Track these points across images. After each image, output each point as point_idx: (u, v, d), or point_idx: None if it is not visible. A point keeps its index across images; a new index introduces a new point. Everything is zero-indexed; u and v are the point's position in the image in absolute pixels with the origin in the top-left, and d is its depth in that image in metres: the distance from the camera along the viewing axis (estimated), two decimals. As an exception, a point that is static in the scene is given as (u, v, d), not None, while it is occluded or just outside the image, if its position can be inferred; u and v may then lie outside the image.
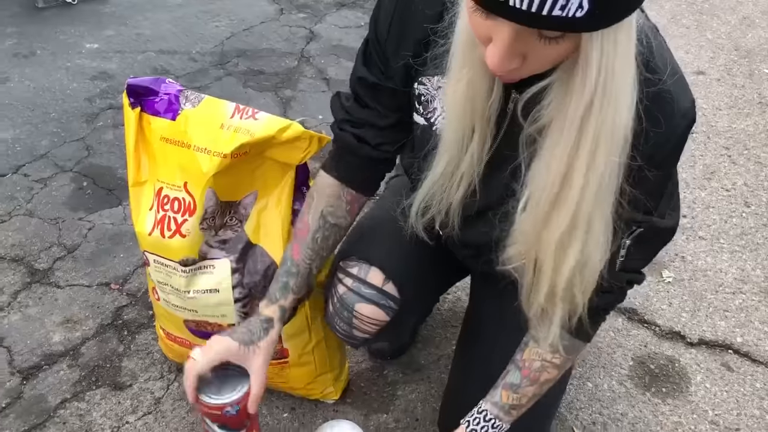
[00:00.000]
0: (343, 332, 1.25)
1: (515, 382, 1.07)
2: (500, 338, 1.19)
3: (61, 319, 1.71)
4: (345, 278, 1.21)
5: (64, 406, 1.50)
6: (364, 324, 1.21)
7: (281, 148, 1.25)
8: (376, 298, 1.19)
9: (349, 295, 1.20)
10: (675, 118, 0.86)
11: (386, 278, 1.19)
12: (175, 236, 1.28)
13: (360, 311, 1.19)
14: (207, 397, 1.09)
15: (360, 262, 1.21)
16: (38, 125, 2.41)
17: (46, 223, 2.00)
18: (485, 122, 0.90)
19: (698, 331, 1.67)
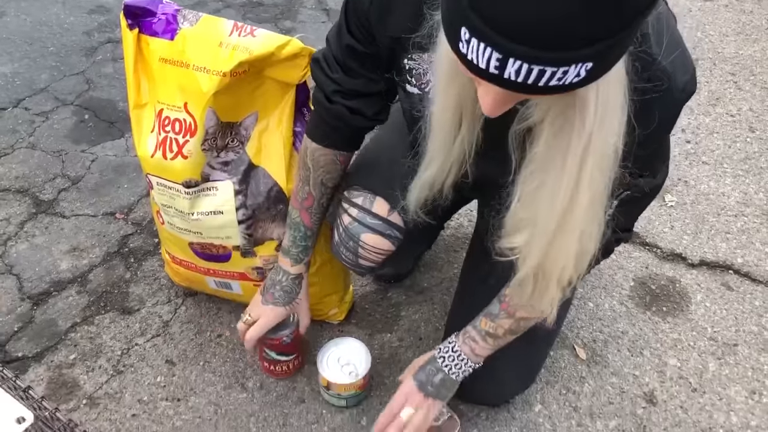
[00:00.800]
0: (349, 261, 1.26)
1: (494, 312, 1.12)
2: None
3: (68, 248, 1.73)
4: (350, 208, 1.22)
5: (74, 329, 1.53)
6: (370, 253, 1.22)
7: (280, 67, 1.24)
8: (381, 228, 1.20)
9: (355, 225, 1.21)
10: (673, 94, 0.85)
11: (391, 208, 1.19)
12: (177, 158, 1.28)
13: (365, 241, 1.20)
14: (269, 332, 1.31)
15: (365, 192, 1.22)
16: (37, 59, 2.38)
17: (49, 156, 2.00)
18: (476, 119, 0.90)
19: (699, 252, 1.68)
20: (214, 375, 1.43)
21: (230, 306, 1.57)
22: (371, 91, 1.08)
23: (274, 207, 1.33)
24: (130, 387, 1.41)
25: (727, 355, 1.45)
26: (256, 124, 1.31)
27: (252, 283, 1.44)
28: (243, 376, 1.43)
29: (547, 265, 0.90)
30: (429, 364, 1.17)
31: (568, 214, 0.82)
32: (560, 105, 0.74)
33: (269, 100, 1.30)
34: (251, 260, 1.39)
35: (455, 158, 0.96)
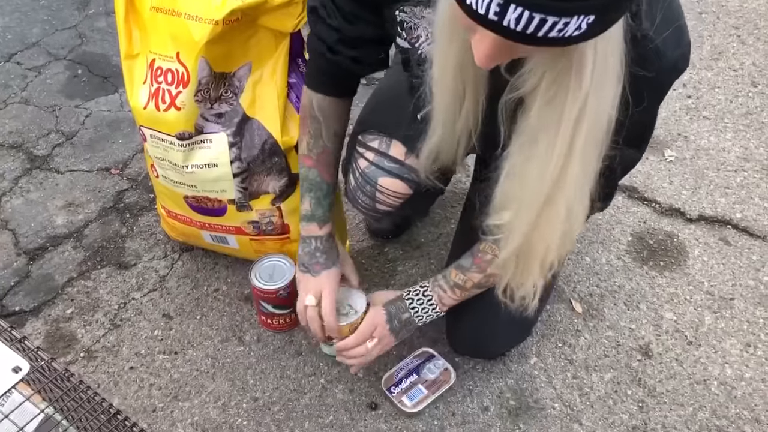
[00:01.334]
0: (365, 206, 1.24)
1: (465, 265, 1.13)
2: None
3: (63, 203, 1.72)
4: (366, 152, 1.20)
5: (71, 284, 1.53)
6: (388, 197, 1.20)
7: (274, 15, 1.21)
8: (398, 171, 1.18)
9: (372, 169, 1.19)
10: (663, 70, 0.85)
11: (408, 151, 1.17)
12: (170, 109, 1.26)
13: (383, 185, 1.19)
14: (262, 284, 1.33)
15: (380, 135, 1.19)
16: (28, 13, 2.34)
17: (43, 111, 1.98)
18: (478, 85, 0.88)
19: (698, 207, 1.67)
20: (211, 329, 1.44)
21: (227, 260, 1.57)
22: (372, 36, 1.05)
23: (269, 160, 1.32)
24: (128, 340, 1.42)
25: (723, 308, 1.46)
26: (250, 74, 1.29)
27: (248, 237, 1.43)
28: (240, 329, 1.43)
29: (533, 243, 0.89)
30: (398, 301, 1.18)
31: (557, 188, 0.81)
32: (555, 70, 0.73)
33: (263, 50, 1.28)
34: (247, 214, 1.38)
35: (461, 130, 0.95)
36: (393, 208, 1.23)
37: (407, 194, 1.20)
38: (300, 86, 1.35)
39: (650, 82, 0.82)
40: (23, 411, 0.88)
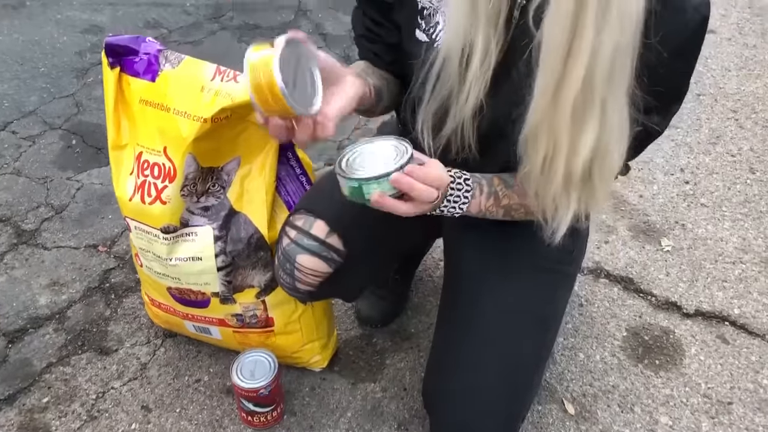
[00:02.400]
0: (287, 285, 1.22)
1: (509, 181, 1.07)
2: (483, 289, 1.18)
3: (48, 282, 1.68)
4: (290, 231, 1.19)
5: (49, 370, 1.49)
6: (306, 276, 1.18)
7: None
8: (317, 249, 1.16)
9: (292, 246, 1.17)
10: (686, 12, 0.88)
11: (331, 230, 1.15)
12: (156, 203, 1.24)
13: (301, 263, 1.16)
14: (243, 382, 1.29)
15: (306, 214, 1.18)
16: (27, 80, 2.35)
17: (34, 183, 1.96)
18: (491, 26, 0.91)
19: (695, 301, 1.63)
20: (191, 423, 1.39)
21: (210, 349, 1.53)
22: (390, 40, 1.10)
23: (254, 254, 1.29)
24: (103, 434, 1.37)
25: (721, 414, 1.41)
26: (239, 168, 1.27)
27: (231, 329, 1.39)
28: (220, 425, 1.38)
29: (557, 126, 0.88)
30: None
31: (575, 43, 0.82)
32: None
33: (252, 144, 1.26)
34: (231, 307, 1.35)
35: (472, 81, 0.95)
36: (313, 288, 1.20)
37: (325, 273, 1.17)
38: (289, 180, 1.34)
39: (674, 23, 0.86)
40: None
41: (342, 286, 1.24)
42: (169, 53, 1.25)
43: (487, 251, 1.22)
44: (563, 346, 1.53)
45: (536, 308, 1.19)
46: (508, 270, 1.19)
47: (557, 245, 1.06)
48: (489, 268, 1.19)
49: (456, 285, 1.28)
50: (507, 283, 1.18)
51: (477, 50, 0.94)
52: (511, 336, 1.15)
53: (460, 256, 1.27)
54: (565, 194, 0.96)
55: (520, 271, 1.19)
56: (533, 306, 1.18)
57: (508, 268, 1.20)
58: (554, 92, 0.87)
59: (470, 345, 1.15)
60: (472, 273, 1.23)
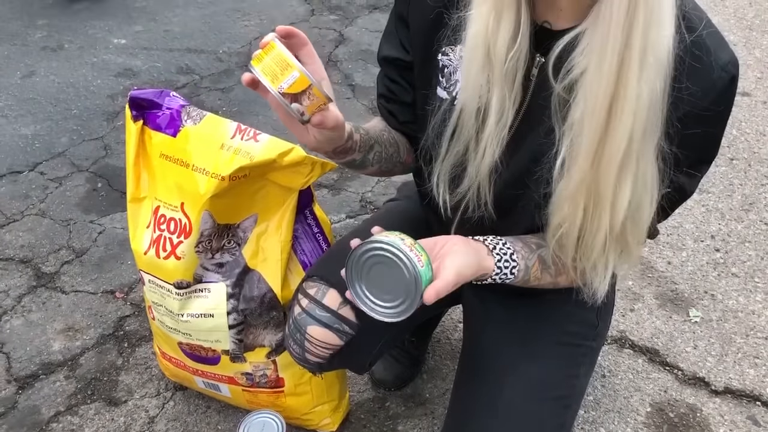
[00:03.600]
0: (296, 355, 1.17)
1: (547, 261, 1.03)
2: (504, 366, 1.13)
3: (63, 327, 1.68)
4: (302, 299, 1.15)
5: (57, 419, 1.47)
6: (316, 348, 1.13)
7: (283, 172, 1.19)
8: (329, 321, 1.11)
9: (303, 316, 1.13)
10: (713, 70, 0.86)
11: (344, 301, 1.11)
12: (170, 258, 1.23)
13: (312, 334, 1.12)
14: None
15: (320, 282, 1.14)
16: (59, 122, 2.39)
17: (57, 225, 1.98)
18: (507, 84, 0.91)
19: (724, 378, 1.56)
20: (195, 484, 1.35)
21: (220, 405, 1.49)
22: (405, 99, 1.11)
23: (266, 314, 1.27)
24: (105, 491, 1.34)
25: (751, 502, 1.33)
26: (255, 226, 1.26)
27: (241, 388, 1.36)
28: (224, 487, 1.35)
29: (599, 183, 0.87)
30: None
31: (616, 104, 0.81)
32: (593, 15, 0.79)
33: (270, 202, 1.25)
34: (241, 365, 1.32)
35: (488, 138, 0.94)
36: (323, 360, 1.15)
37: (336, 345, 1.13)
38: (306, 239, 1.32)
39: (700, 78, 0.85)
40: None
41: (353, 358, 1.20)
42: (192, 109, 1.25)
43: (509, 324, 1.17)
44: (584, 419, 1.47)
45: (558, 387, 1.14)
46: (531, 346, 1.15)
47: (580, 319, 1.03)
48: (511, 343, 1.15)
49: (475, 359, 1.24)
50: (529, 360, 1.13)
51: (492, 109, 0.93)
52: (531, 417, 1.10)
53: (481, 329, 1.23)
54: (602, 255, 0.94)
55: (542, 346, 1.15)
56: (555, 385, 1.13)
57: (531, 343, 1.15)
58: (596, 152, 0.85)
59: (488, 425, 1.10)
60: (492, 348, 1.18)
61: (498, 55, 0.88)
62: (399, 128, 1.15)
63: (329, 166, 1.21)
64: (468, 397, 1.18)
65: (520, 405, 1.11)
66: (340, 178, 2.18)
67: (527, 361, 1.13)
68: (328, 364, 1.17)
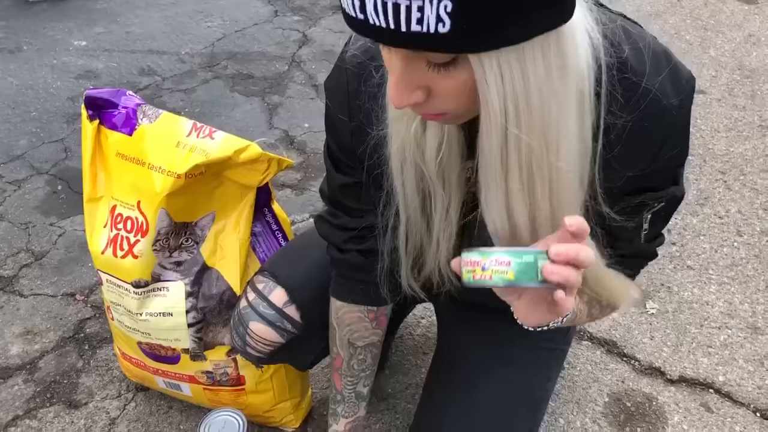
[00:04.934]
0: (238, 347, 1.19)
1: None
2: (479, 372, 1.14)
3: (21, 330, 1.66)
4: (249, 293, 1.16)
5: (15, 423, 1.45)
6: (257, 343, 1.15)
7: (239, 170, 1.20)
8: (272, 318, 1.13)
9: (248, 311, 1.14)
10: (668, 115, 0.78)
11: (289, 300, 1.13)
12: (128, 257, 1.22)
13: (253, 329, 1.13)
14: None
15: (269, 278, 1.16)
16: (17, 124, 2.36)
17: (16, 228, 1.95)
18: (441, 183, 0.85)
19: (679, 367, 1.60)
20: (156, 484, 1.35)
21: (182, 405, 1.49)
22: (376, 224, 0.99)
23: (226, 311, 1.27)
24: (65, 494, 1.33)
25: (704, 487, 1.37)
26: (213, 224, 1.26)
27: (202, 386, 1.36)
28: (186, 487, 1.34)
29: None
30: None
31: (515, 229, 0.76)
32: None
33: (228, 200, 1.25)
34: (201, 364, 1.32)
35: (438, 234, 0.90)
36: (264, 355, 1.17)
37: (277, 343, 1.15)
38: (265, 236, 1.33)
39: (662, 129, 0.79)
40: None
41: (294, 356, 1.22)
42: (147, 108, 1.25)
43: (484, 327, 1.17)
44: (543, 410, 1.50)
45: (532, 391, 1.15)
46: (507, 349, 1.15)
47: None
48: (486, 346, 1.15)
49: (449, 363, 1.24)
50: (504, 364, 1.14)
51: (435, 209, 0.89)
52: (504, 421, 1.11)
53: (456, 330, 1.24)
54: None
55: (519, 351, 1.15)
56: (529, 389, 1.14)
57: (507, 347, 1.15)
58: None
59: (460, 428, 1.11)
60: (467, 350, 1.19)
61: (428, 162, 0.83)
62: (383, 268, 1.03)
63: (285, 162, 1.22)
64: (439, 403, 1.18)
65: (494, 409, 1.12)
66: (303, 178, 2.19)
67: (502, 365, 1.14)
68: (268, 358, 1.19)
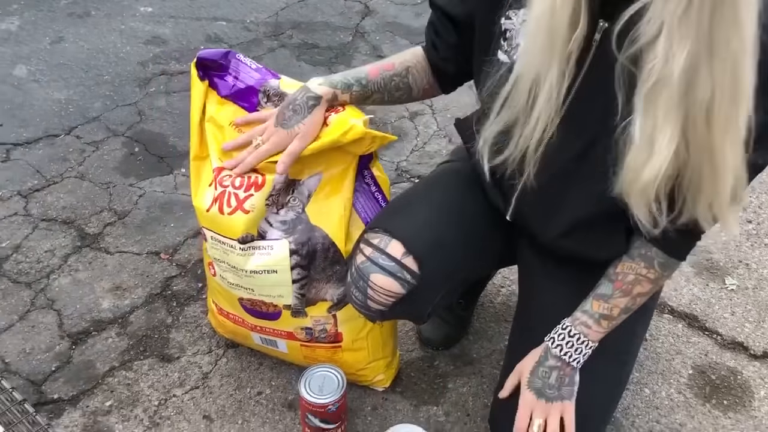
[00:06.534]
0: (358, 302, 1.21)
1: (606, 293, 1.11)
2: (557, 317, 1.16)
3: (111, 286, 1.70)
4: (365, 248, 1.18)
5: (112, 374, 1.50)
6: (379, 295, 1.17)
7: (345, 146, 1.22)
8: (392, 270, 1.15)
9: (367, 264, 1.16)
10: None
11: (407, 251, 1.15)
12: (236, 212, 1.24)
13: (375, 281, 1.15)
14: (312, 396, 1.28)
15: (383, 233, 1.18)
16: (91, 87, 2.39)
17: (97, 187, 1.99)
18: (565, 59, 0.91)
19: (762, 342, 1.60)
20: (253, 436, 1.38)
21: (272, 362, 1.52)
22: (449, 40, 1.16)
23: (330, 268, 1.29)
24: (166, 442, 1.37)
25: (793, 459, 1.37)
26: (318, 184, 1.28)
27: (299, 343, 1.39)
28: (282, 439, 1.38)
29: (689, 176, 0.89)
30: (539, 366, 1.13)
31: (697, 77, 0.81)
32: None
33: (333, 161, 1.26)
34: (301, 320, 1.35)
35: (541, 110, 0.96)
36: (385, 307, 1.19)
37: (398, 294, 1.16)
38: (364, 197, 1.34)
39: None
40: None
41: (413, 308, 1.23)
42: (270, 89, 1.27)
43: (568, 283, 1.20)
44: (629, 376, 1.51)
45: (616, 343, 1.17)
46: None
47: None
48: (568, 303, 1.17)
49: (531, 318, 1.27)
50: None
51: (546, 86, 0.93)
52: (588, 372, 1.13)
53: (539, 287, 1.26)
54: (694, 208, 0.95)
55: None
56: (612, 342, 1.16)
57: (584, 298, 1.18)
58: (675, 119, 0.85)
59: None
60: (550, 305, 1.22)
61: (560, 27, 0.88)
62: (437, 61, 1.20)
63: (388, 138, 1.24)
64: (524, 354, 1.21)
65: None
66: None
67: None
68: (389, 311, 1.20)
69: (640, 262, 1.09)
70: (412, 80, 1.24)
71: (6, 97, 2.31)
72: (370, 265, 1.16)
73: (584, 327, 1.10)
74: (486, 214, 1.22)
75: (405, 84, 1.24)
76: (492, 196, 1.20)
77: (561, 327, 1.13)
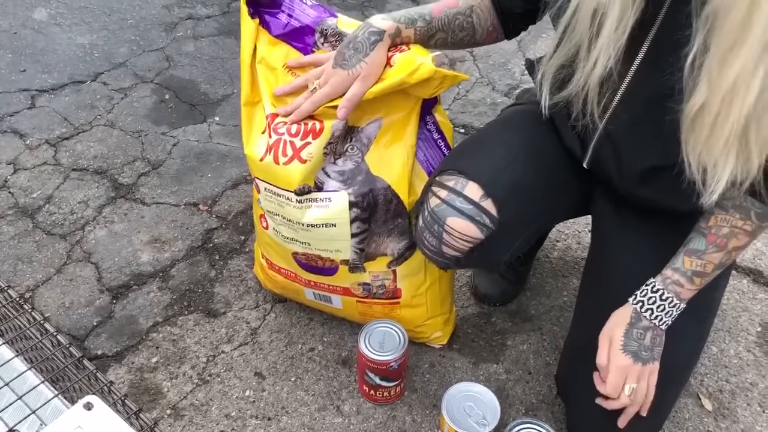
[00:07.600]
0: (432, 248, 1.12)
1: (699, 248, 1.03)
2: (636, 275, 1.08)
3: (149, 238, 1.63)
4: (440, 191, 1.09)
5: (156, 329, 1.44)
6: (455, 240, 1.08)
7: (412, 88, 1.12)
8: (471, 213, 1.06)
9: (443, 207, 1.08)
10: None
11: (485, 194, 1.06)
12: (293, 162, 1.16)
13: (452, 225, 1.07)
14: (373, 353, 1.22)
15: (458, 175, 1.09)
16: (115, 32, 2.29)
17: (129, 136, 1.91)
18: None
19: (832, 299, 1.53)
20: (307, 394, 1.33)
21: (322, 317, 1.46)
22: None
23: (391, 221, 1.22)
24: (217, 400, 1.32)
25: None
26: (379, 131, 1.20)
27: (355, 299, 1.33)
28: (338, 397, 1.33)
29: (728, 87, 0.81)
30: (633, 327, 1.05)
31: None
32: None
33: (394, 106, 1.17)
34: (359, 275, 1.28)
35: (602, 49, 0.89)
36: (461, 254, 1.10)
37: (477, 239, 1.08)
38: (426, 144, 1.26)
39: None
40: None
41: (490, 255, 1.14)
42: (327, 28, 1.18)
43: (645, 235, 1.13)
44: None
45: (696, 299, 1.10)
46: (665, 255, 1.10)
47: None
48: (649, 259, 1.10)
49: (604, 268, 1.20)
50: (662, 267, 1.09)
51: (612, 13, 0.86)
52: (670, 332, 1.07)
53: (613, 237, 1.19)
54: (725, 151, 0.87)
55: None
56: (695, 297, 1.09)
57: (665, 252, 1.10)
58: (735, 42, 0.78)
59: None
60: (623, 257, 1.15)
61: None
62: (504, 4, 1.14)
63: (460, 77, 1.14)
64: (595, 312, 1.14)
65: None
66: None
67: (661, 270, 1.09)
68: (465, 258, 1.12)
69: (734, 213, 1.00)
70: (476, 19, 1.15)
71: (27, 41, 2.21)
72: (446, 207, 1.07)
73: (676, 286, 1.03)
74: (564, 159, 1.15)
75: (469, 24, 1.15)
76: (568, 141, 1.12)
77: (650, 289, 1.05)
